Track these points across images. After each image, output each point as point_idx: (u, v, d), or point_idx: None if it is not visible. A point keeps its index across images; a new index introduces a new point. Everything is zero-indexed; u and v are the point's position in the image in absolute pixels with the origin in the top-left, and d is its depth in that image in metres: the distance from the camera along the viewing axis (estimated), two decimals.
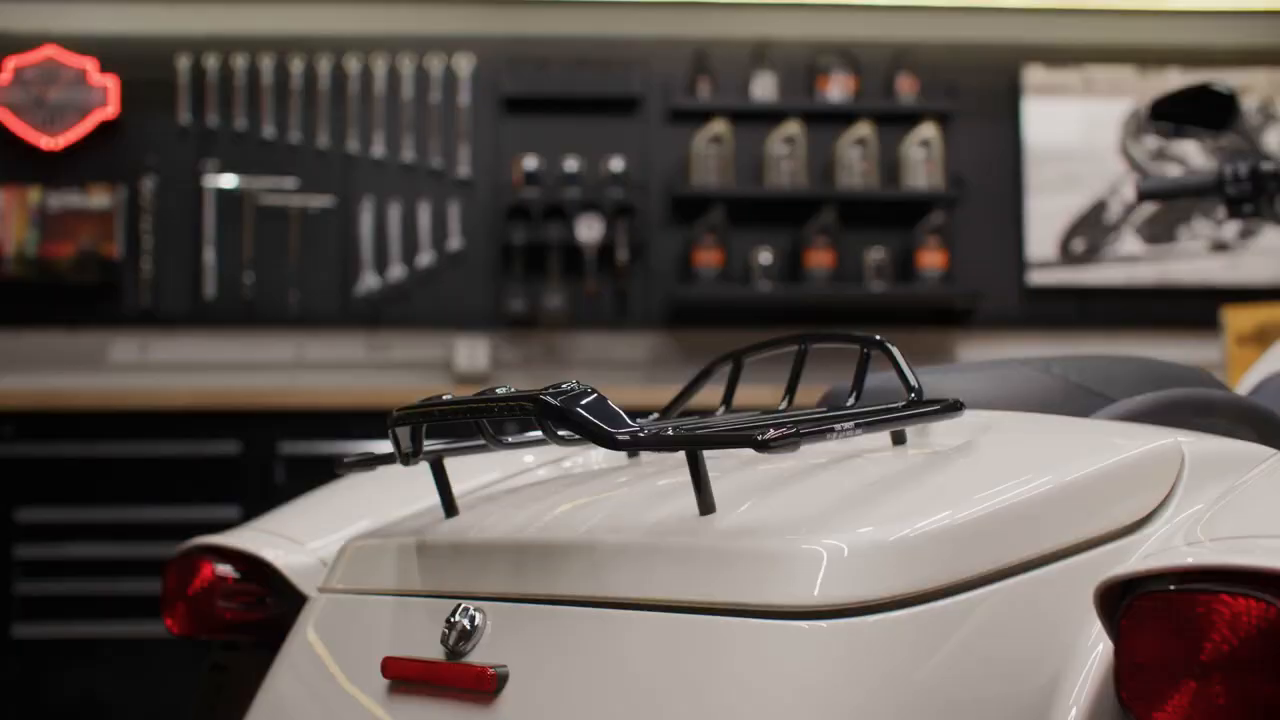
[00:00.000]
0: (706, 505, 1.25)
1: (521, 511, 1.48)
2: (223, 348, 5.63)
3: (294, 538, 1.84)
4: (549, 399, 1.22)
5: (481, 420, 1.36)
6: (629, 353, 5.71)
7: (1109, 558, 1.23)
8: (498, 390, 1.30)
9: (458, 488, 1.64)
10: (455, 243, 5.67)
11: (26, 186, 5.59)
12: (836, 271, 5.66)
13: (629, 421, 1.22)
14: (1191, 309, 5.72)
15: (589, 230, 5.57)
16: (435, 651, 1.34)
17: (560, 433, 1.26)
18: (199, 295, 5.63)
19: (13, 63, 5.60)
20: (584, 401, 1.22)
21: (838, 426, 1.25)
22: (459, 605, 1.35)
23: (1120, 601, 1.08)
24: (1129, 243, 5.84)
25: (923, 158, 5.70)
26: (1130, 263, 5.84)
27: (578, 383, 1.24)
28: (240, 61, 5.69)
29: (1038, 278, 5.81)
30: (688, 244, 5.67)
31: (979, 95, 5.84)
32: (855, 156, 5.69)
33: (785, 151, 5.67)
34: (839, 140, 5.70)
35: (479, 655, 1.31)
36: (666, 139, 5.76)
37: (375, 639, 1.47)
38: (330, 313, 5.66)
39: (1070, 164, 5.82)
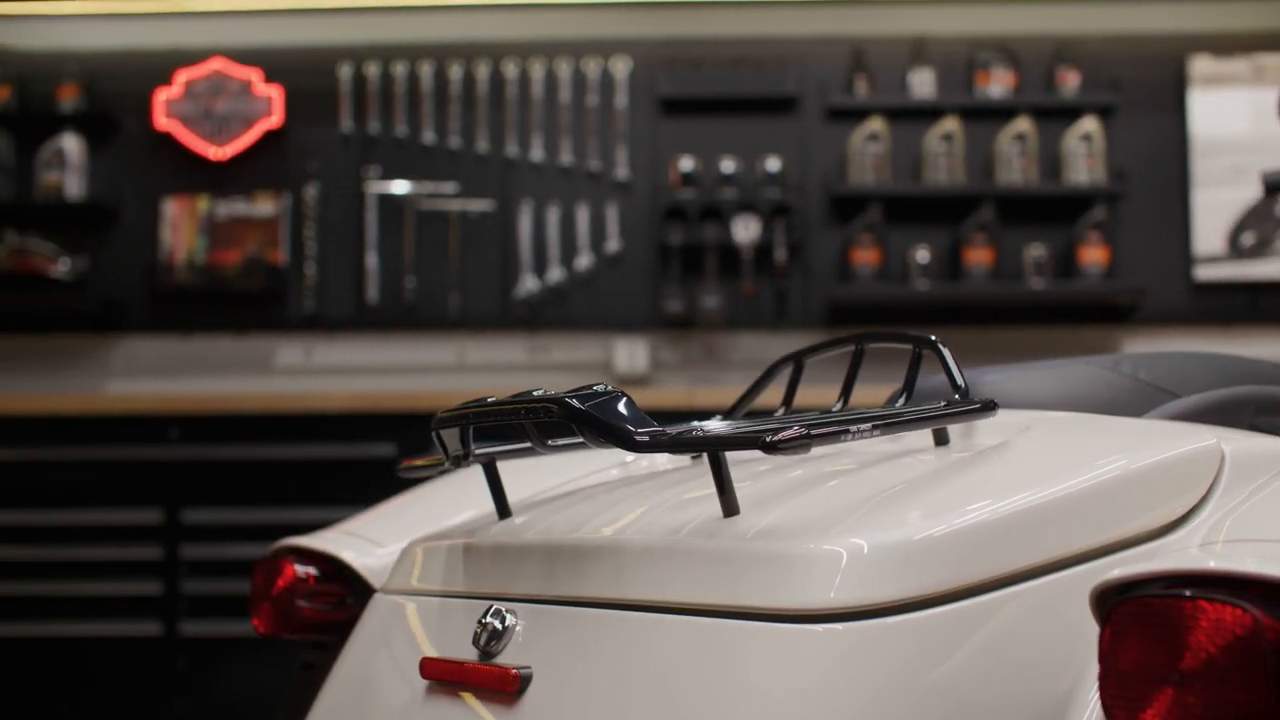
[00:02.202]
0: (730, 508, 1.27)
1: (566, 514, 1.50)
2: (385, 351, 5.71)
3: (375, 539, 1.88)
4: (572, 402, 1.24)
5: (527, 423, 1.37)
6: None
7: (1139, 560, 1.21)
8: (534, 393, 1.32)
9: (546, 483, 1.73)
10: (613, 244, 5.70)
11: (195, 196, 5.73)
12: (995, 269, 5.59)
13: (650, 424, 1.23)
14: None
15: (745, 231, 5.56)
16: (469, 652, 1.38)
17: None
18: (362, 299, 5.72)
19: (183, 76, 5.74)
20: (606, 404, 1.24)
21: (853, 429, 1.26)
22: (491, 607, 1.38)
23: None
24: None
25: (1084, 152, 5.61)
26: None
27: (607, 385, 1.26)
28: (400, 69, 5.77)
29: (1205, 273, 5.69)
30: (845, 243, 5.64)
31: (1143, 87, 5.74)
32: (1015, 152, 5.61)
33: (943, 149, 5.61)
34: (998, 136, 5.64)
35: (508, 656, 1.34)
36: (823, 138, 5.74)
37: (421, 639, 1.51)
38: (490, 315, 5.71)
39: (1239, 156, 5.68)
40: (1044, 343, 5.58)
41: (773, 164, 5.62)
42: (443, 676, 1.40)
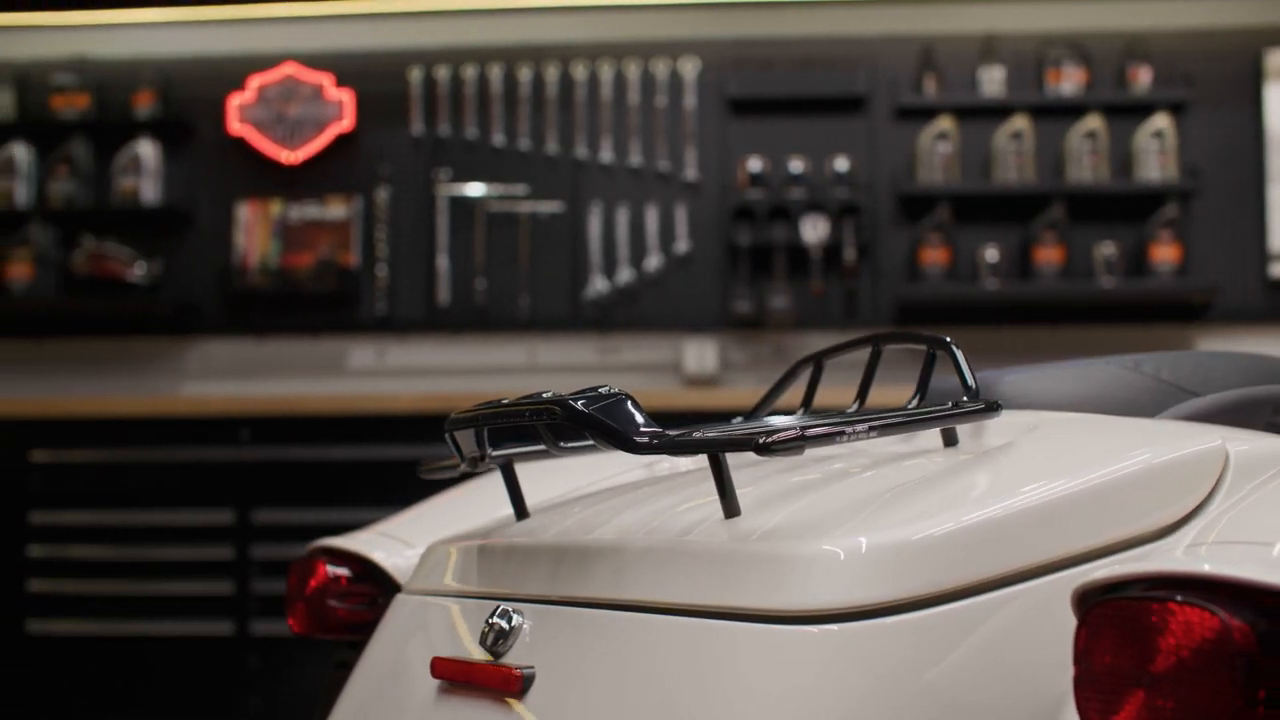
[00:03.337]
0: (731, 509, 1.28)
1: (579, 515, 1.52)
2: (457, 352, 5.75)
3: (406, 540, 1.90)
4: (575, 403, 1.26)
5: (536, 424, 1.38)
6: (856, 353, 5.64)
7: (1132, 562, 1.20)
8: (543, 395, 1.33)
9: (573, 485, 1.76)
10: (683, 245, 5.71)
11: (268, 199, 5.79)
12: (1066, 268, 5.55)
13: (650, 426, 1.24)
14: None
15: (813, 230, 5.55)
16: (478, 652, 1.40)
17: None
18: (433, 301, 5.76)
19: (256, 81, 5.81)
20: (607, 406, 1.25)
21: (849, 430, 1.26)
22: (498, 607, 1.40)
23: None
24: None
25: (1156, 149, 5.55)
26: None
27: (611, 387, 1.27)
28: (470, 72, 5.82)
29: None
30: (914, 242, 5.62)
31: (1216, 83, 5.67)
32: (1085, 150, 5.57)
33: (1013, 147, 5.58)
34: (1069, 134, 5.60)
35: (513, 656, 1.36)
36: (892, 137, 5.72)
37: (435, 639, 1.53)
38: (560, 316, 5.73)
39: None
40: (1115, 342, 5.52)
41: (841, 164, 5.60)
42: (452, 676, 1.42)
